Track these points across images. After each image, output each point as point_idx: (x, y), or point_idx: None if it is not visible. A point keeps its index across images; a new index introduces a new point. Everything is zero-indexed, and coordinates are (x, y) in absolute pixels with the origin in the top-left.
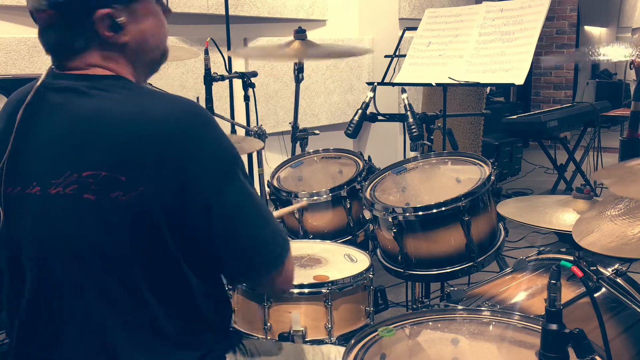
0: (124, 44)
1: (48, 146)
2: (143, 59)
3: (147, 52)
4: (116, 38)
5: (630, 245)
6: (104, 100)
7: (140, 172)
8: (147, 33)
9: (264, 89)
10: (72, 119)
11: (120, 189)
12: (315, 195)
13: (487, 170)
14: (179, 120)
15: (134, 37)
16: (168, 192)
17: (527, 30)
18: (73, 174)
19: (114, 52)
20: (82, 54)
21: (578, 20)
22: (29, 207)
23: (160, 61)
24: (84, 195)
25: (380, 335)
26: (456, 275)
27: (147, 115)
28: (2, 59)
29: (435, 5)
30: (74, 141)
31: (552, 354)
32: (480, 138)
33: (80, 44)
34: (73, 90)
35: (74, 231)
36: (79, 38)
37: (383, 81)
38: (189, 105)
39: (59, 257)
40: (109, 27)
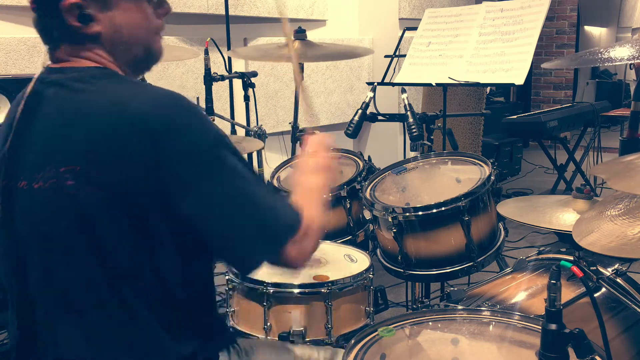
0: (97, 34)
1: (35, 141)
2: (123, 53)
3: (125, 45)
4: (86, 29)
5: (630, 245)
6: (84, 93)
7: (116, 166)
8: (122, 25)
9: (264, 89)
10: (55, 113)
11: (96, 183)
12: None
13: (487, 170)
14: (153, 112)
15: (107, 29)
16: (146, 187)
17: (527, 30)
18: (52, 168)
19: (89, 43)
20: (61, 46)
21: (578, 20)
22: (19, 201)
23: (146, 59)
24: (62, 189)
25: (380, 335)
26: (456, 275)
27: (122, 107)
28: (2, 59)
29: (435, 5)
30: (55, 135)
31: (552, 354)
32: (480, 138)
33: (55, 34)
34: (58, 83)
35: (54, 226)
36: (52, 29)
37: (383, 81)
38: (165, 96)
39: (42, 252)
40: (77, 18)
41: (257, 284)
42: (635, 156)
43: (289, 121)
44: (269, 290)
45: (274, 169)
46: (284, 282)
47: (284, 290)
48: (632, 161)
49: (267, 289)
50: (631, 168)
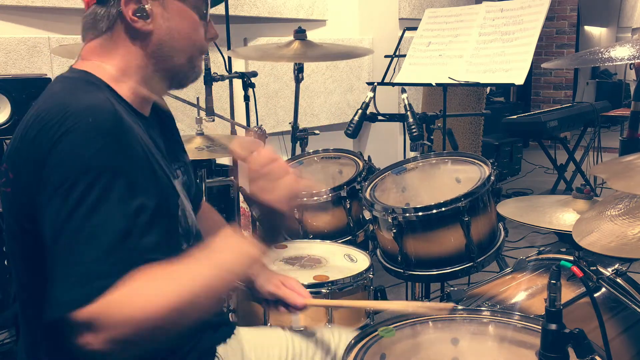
0: (148, 33)
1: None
2: (166, 58)
3: (171, 50)
4: (140, 24)
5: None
6: (42, 96)
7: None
8: (175, 29)
9: (264, 89)
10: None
11: (9, 184)
12: (315, 196)
13: (487, 170)
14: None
15: (159, 29)
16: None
17: (527, 30)
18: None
19: (134, 41)
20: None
21: (578, 20)
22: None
23: (188, 72)
24: (1, 188)
25: (380, 335)
26: (456, 275)
27: (39, 115)
28: (2, 59)
29: (435, 5)
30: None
31: (552, 354)
32: (480, 138)
33: (102, 26)
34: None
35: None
36: (103, 19)
37: (383, 81)
38: (77, 107)
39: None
40: (135, 11)
41: None
42: (635, 156)
43: (289, 121)
44: None
45: None
46: None
47: None
48: (631, 161)
49: None
50: (631, 168)
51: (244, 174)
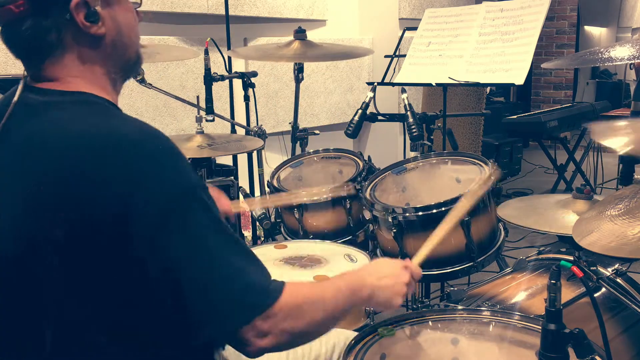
0: (101, 37)
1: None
2: (120, 56)
3: (123, 48)
4: (94, 29)
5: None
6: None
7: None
8: (122, 24)
9: (264, 89)
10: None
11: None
12: (315, 195)
13: (487, 170)
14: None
15: (110, 29)
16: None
17: (527, 30)
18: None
19: (90, 49)
20: (56, 57)
21: (578, 20)
22: None
23: (135, 63)
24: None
25: (380, 335)
26: (456, 275)
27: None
28: (2, 59)
29: (435, 5)
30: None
31: (552, 354)
32: (480, 138)
33: (53, 38)
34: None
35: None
36: (52, 31)
37: (383, 81)
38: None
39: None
40: (85, 16)
41: None
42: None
43: (289, 121)
44: None
45: (273, 169)
46: None
47: None
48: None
49: None
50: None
51: (243, 174)
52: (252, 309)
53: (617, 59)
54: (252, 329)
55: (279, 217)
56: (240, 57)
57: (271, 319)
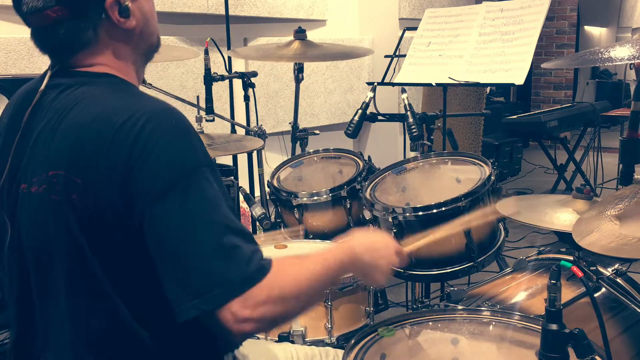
0: (132, 30)
1: (36, 145)
2: (144, 46)
3: (149, 35)
4: (127, 24)
5: (630, 245)
6: (83, 99)
7: (91, 171)
8: (147, 13)
9: (264, 89)
10: (55, 116)
11: (76, 191)
12: (315, 195)
13: (487, 170)
14: (134, 124)
15: (139, 21)
16: (112, 201)
17: (527, 30)
18: (44, 172)
19: (121, 41)
20: (88, 50)
21: (578, 20)
22: (20, 205)
23: (156, 48)
24: (51, 195)
25: (380, 335)
26: (456, 275)
27: (111, 115)
28: (2, 59)
29: (435, 5)
30: (51, 139)
31: (552, 354)
32: (480, 138)
33: (90, 36)
34: (64, 87)
35: (45, 231)
36: (88, 30)
37: (383, 81)
38: (156, 111)
39: (37, 257)
40: (119, 13)
41: None
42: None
43: (289, 121)
44: None
45: (274, 169)
46: None
47: None
48: None
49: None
50: None
51: (243, 174)
52: (229, 290)
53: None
54: (230, 312)
55: (279, 217)
56: (240, 57)
57: (250, 303)
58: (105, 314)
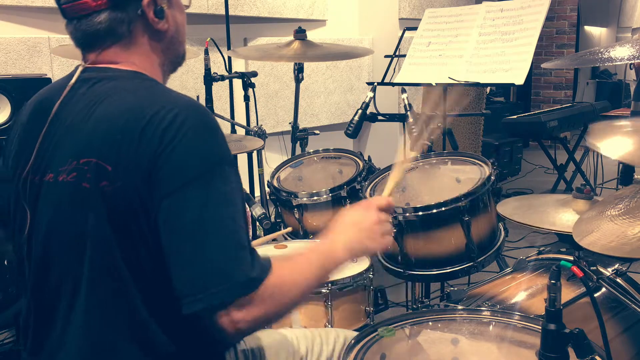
0: (163, 32)
1: (64, 135)
2: (173, 52)
3: (177, 44)
4: (160, 25)
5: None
6: (112, 91)
7: (122, 163)
8: (179, 23)
9: (264, 89)
10: (84, 108)
11: (106, 178)
12: (315, 195)
13: (487, 170)
14: (164, 116)
15: (171, 26)
16: (139, 189)
17: (527, 30)
18: (73, 160)
19: (152, 41)
20: (120, 45)
21: (578, 20)
22: (46, 195)
23: (182, 59)
24: (82, 183)
25: (380, 335)
26: (456, 275)
27: (142, 107)
28: (2, 59)
29: (435, 5)
30: (79, 129)
31: (552, 354)
32: (480, 138)
33: (124, 30)
34: (93, 81)
35: (73, 220)
36: (124, 23)
37: (383, 81)
38: (185, 105)
39: (60, 245)
40: (154, 12)
41: None
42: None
43: (289, 121)
44: None
45: (273, 169)
46: None
47: None
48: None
49: None
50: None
51: (243, 174)
52: (236, 289)
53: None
54: (231, 311)
55: (279, 217)
56: (240, 57)
57: (251, 303)
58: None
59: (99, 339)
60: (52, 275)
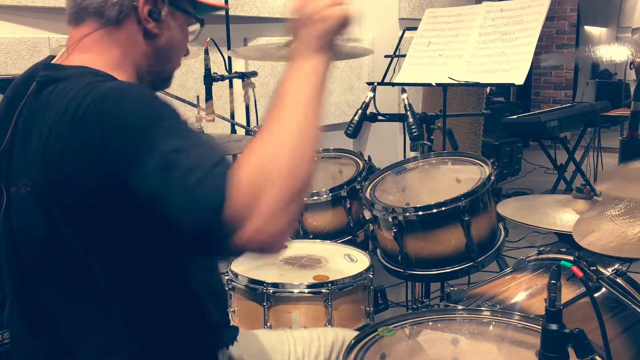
0: (152, 36)
1: (20, 144)
2: (155, 63)
3: (164, 59)
4: (151, 25)
5: (630, 245)
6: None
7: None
8: (174, 41)
9: (264, 89)
10: (30, 113)
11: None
12: (315, 195)
13: (487, 170)
14: (90, 105)
15: (163, 36)
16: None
17: (527, 30)
18: (25, 174)
19: (136, 39)
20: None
21: (578, 20)
22: (12, 207)
23: (165, 80)
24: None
25: (380, 335)
26: (456, 275)
27: (63, 111)
28: (2, 59)
29: (435, 5)
30: (27, 142)
31: (552, 354)
32: (480, 138)
33: (112, 14)
34: (45, 81)
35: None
36: (115, 8)
37: (383, 81)
38: (118, 85)
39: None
40: (149, 12)
41: (257, 284)
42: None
43: None
44: (269, 290)
45: None
46: (284, 282)
47: (284, 290)
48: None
49: (267, 289)
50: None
51: None
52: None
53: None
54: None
55: None
56: (240, 57)
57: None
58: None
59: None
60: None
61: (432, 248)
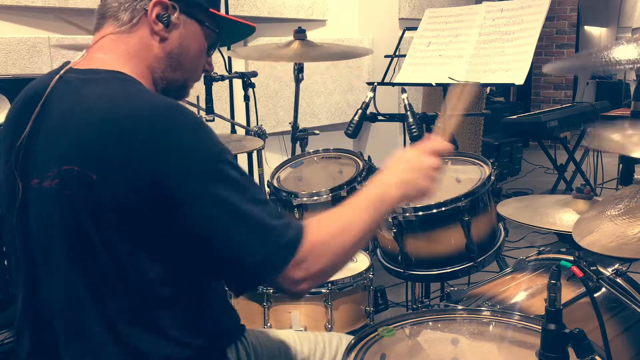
0: (161, 39)
1: (47, 139)
2: (167, 68)
3: (176, 65)
4: (158, 28)
5: (630, 245)
6: (91, 94)
7: (109, 172)
8: (186, 47)
9: (264, 89)
10: (66, 111)
11: (91, 186)
12: (315, 195)
13: (487, 170)
14: (149, 120)
15: (173, 41)
16: (131, 197)
17: (528, 30)
18: (56, 167)
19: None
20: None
21: (578, 20)
22: (32, 200)
23: (180, 88)
24: (64, 190)
25: (380, 335)
26: (456, 275)
27: (115, 116)
28: (2, 59)
29: (435, 5)
30: (62, 133)
31: (552, 354)
32: (480, 138)
33: (126, 17)
34: (73, 82)
35: (55, 227)
36: (127, 12)
37: (383, 81)
38: (164, 105)
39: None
40: (158, 15)
41: None
42: None
43: (289, 121)
44: (269, 290)
45: (273, 169)
46: None
47: None
48: None
49: (267, 289)
50: None
51: None
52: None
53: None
54: (286, 279)
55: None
56: (240, 57)
57: (300, 266)
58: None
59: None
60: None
61: (432, 248)
